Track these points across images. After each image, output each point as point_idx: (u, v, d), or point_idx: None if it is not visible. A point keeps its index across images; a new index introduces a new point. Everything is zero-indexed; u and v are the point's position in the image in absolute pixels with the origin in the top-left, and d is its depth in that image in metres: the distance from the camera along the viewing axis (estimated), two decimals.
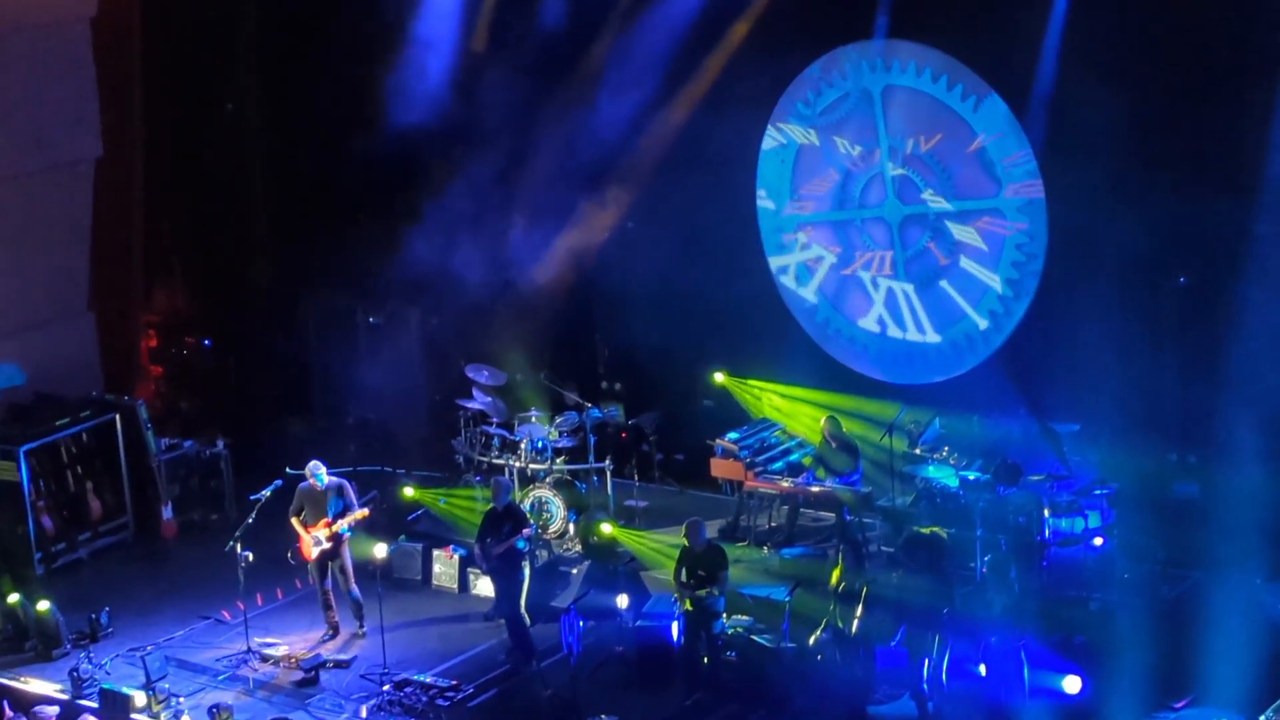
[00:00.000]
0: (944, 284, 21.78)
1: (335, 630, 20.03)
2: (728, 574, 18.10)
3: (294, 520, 19.83)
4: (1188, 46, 19.08)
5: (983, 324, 21.57)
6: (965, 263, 21.56)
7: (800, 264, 22.86)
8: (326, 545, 19.65)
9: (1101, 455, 20.28)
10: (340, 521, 19.59)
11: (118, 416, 23.04)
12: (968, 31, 20.69)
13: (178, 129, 25.76)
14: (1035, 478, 19.75)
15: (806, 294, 22.87)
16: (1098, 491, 19.77)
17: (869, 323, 22.44)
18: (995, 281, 21.36)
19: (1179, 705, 17.14)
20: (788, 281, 22.96)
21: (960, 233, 21.53)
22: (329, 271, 24.96)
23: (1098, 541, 19.56)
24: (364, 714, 18.21)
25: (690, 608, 18.00)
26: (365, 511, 19.89)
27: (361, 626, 19.94)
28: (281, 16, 25.07)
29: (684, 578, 18.06)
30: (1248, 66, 18.79)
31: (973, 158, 21.25)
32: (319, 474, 19.71)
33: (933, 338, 22.03)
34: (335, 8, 23.95)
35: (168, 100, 25.42)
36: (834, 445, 21.32)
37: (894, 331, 22.29)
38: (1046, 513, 19.37)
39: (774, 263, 22.99)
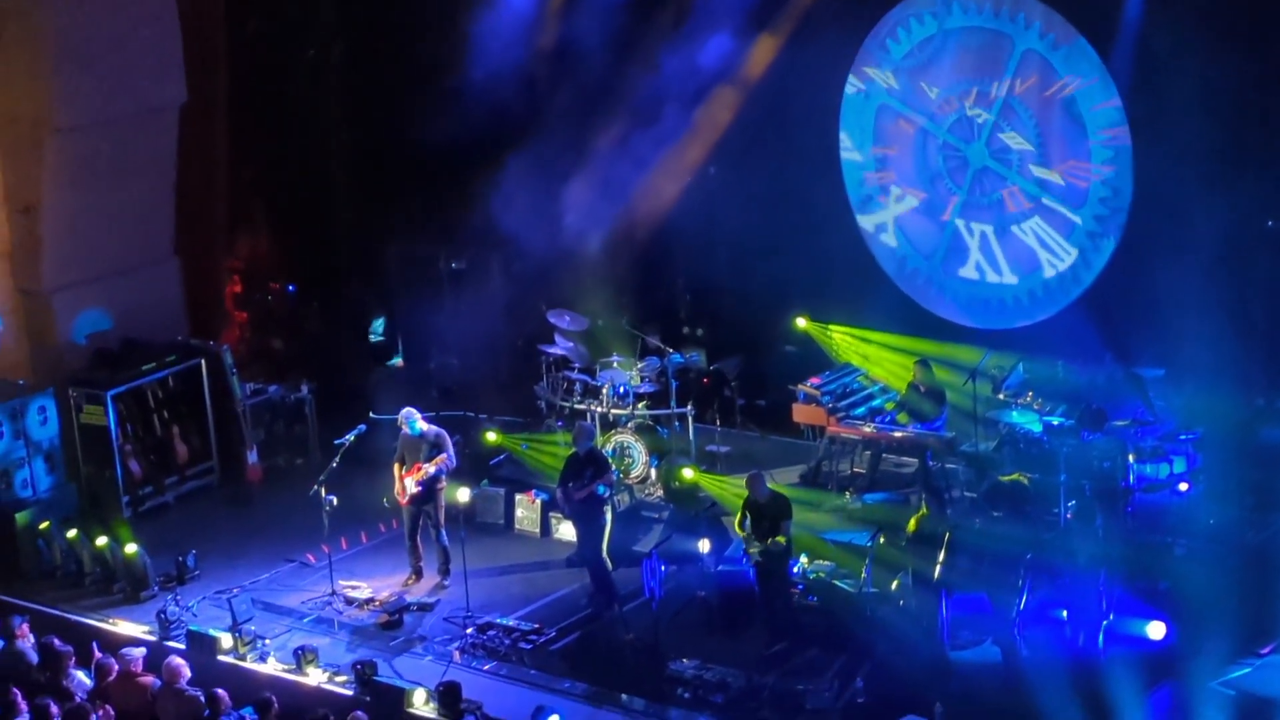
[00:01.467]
0: (1028, 228, 21.69)
1: (419, 575, 20.18)
2: (791, 523, 18.08)
3: (396, 466, 19.96)
4: None
5: (1066, 268, 21.48)
6: (1049, 207, 21.45)
7: (883, 208, 22.81)
8: (416, 490, 19.80)
9: (1187, 400, 20.17)
10: (426, 466, 19.74)
11: (203, 362, 23.26)
12: None
13: (261, 75, 25.90)
14: (1120, 423, 19.67)
15: (889, 238, 22.83)
16: (1183, 437, 19.69)
17: (952, 267, 22.39)
18: (1080, 225, 21.25)
19: (1265, 651, 17.10)
20: (870, 226, 22.92)
21: (1045, 177, 21.42)
22: (411, 217, 25.08)
23: (1183, 487, 19.52)
24: (457, 657, 18.37)
25: (760, 558, 18.07)
26: (444, 457, 19.95)
27: (446, 578, 20.05)
28: None
29: (748, 528, 18.12)
30: None
31: (1058, 103, 21.12)
32: (412, 421, 19.82)
33: (1016, 281, 21.94)
34: None
35: (251, 47, 25.58)
36: (921, 390, 21.28)
37: (977, 275, 22.24)
38: (1131, 458, 19.31)
39: (857, 207, 22.95)
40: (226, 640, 18.40)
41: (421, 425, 19.87)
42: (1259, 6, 19.08)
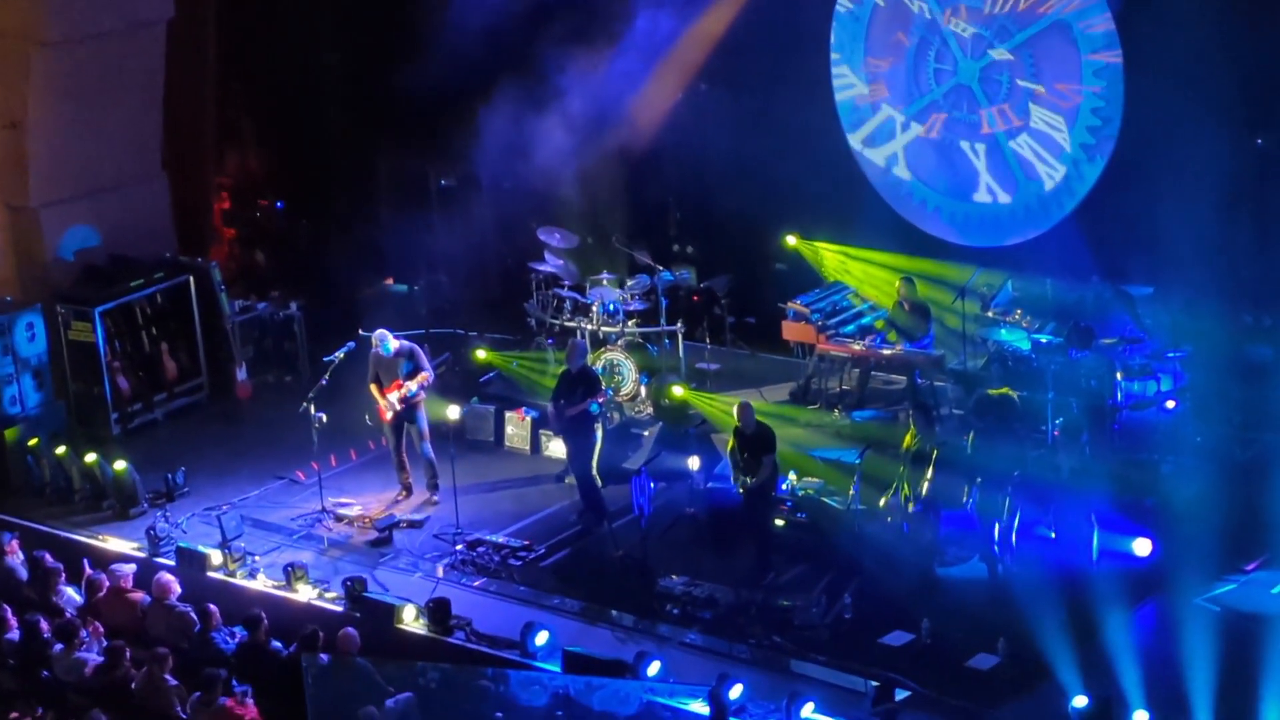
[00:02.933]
0: (1018, 145, 21.66)
1: (409, 491, 20.30)
2: (774, 458, 18.11)
3: (371, 386, 20.05)
4: None
5: (1056, 186, 21.48)
6: (1040, 125, 21.41)
7: (874, 126, 22.77)
8: (399, 408, 19.89)
9: (1175, 318, 20.19)
10: (408, 384, 19.81)
11: (192, 278, 23.26)
12: None
13: None
14: (1108, 341, 19.71)
15: (879, 156, 22.80)
16: (1170, 355, 19.72)
17: (942, 183, 22.38)
18: (1070, 144, 21.23)
19: (1250, 568, 17.23)
20: (860, 144, 22.89)
21: (1035, 94, 21.37)
22: (402, 133, 24.99)
23: (1170, 405, 19.57)
24: (440, 573, 18.48)
25: (740, 490, 18.17)
26: (427, 375, 20.03)
27: (435, 493, 20.16)
28: None
29: (737, 457, 18.19)
30: None
31: (1049, 19, 21.04)
32: (385, 342, 19.87)
33: (1006, 199, 21.95)
34: None
35: None
36: (907, 308, 21.31)
37: (967, 192, 22.22)
38: (1119, 376, 19.38)
39: (847, 125, 22.91)
40: (216, 557, 18.52)
41: (393, 344, 19.92)
42: None
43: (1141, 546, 17.44)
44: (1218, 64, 19.25)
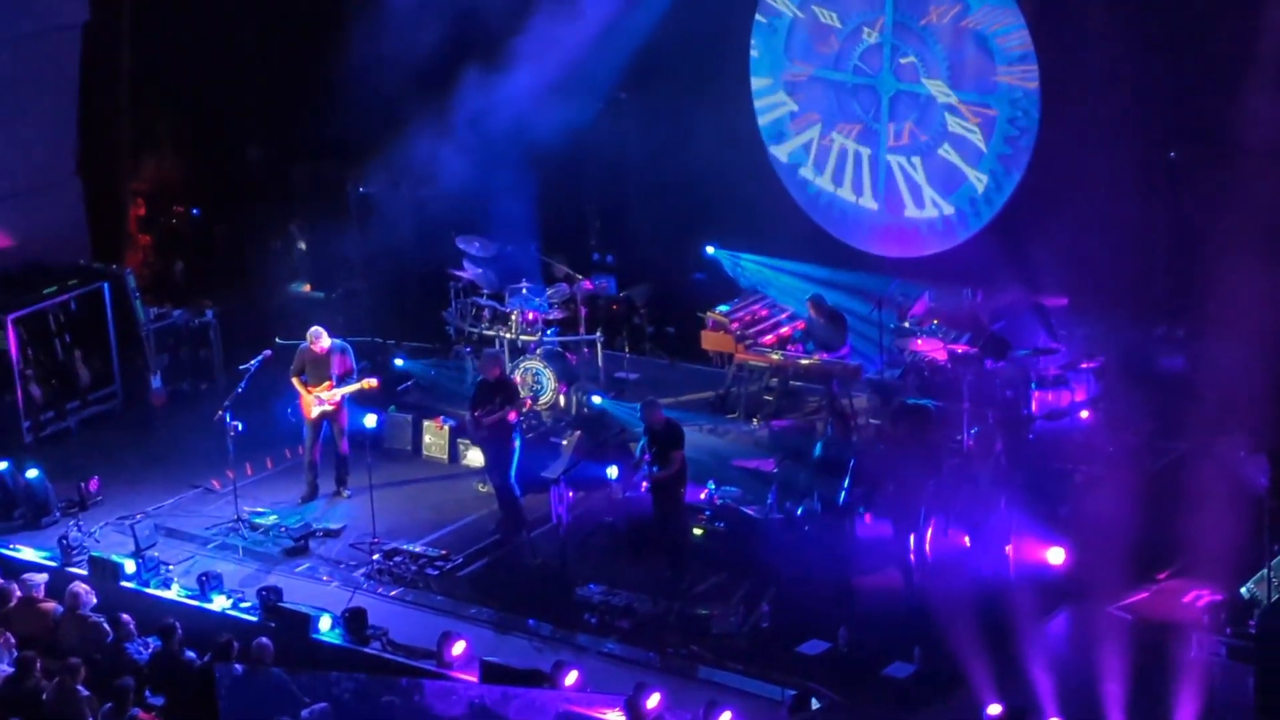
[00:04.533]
0: (936, 156, 21.83)
1: (315, 493, 20.36)
2: (682, 453, 18.14)
3: (295, 379, 20.07)
4: None
5: (973, 198, 21.65)
6: (957, 135, 21.60)
7: (793, 136, 22.89)
8: (329, 407, 19.91)
9: (1089, 329, 20.42)
10: (348, 388, 19.88)
11: (106, 285, 23.11)
12: None
13: None
14: (1023, 352, 19.90)
15: (799, 166, 22.92)
16: (1084, 365, 19.92)
17: (860, 195, 22.51)
18: (986, 156, 21.41)
19: (1162, 577, 17.40)
20: (780, 154, 23.00)
21: (952, 105, 21.54)
22: (319, 141, 24.93)
23: (1084, 415, 19.76)
24: (351, 581, 18.46)
25: (650, 485, 18.21)
26: (374, 382, 20.09)
27: (344, 489, 20.25)
28: None
29: (648, 455, 18.21)
30: None
31: (966, 33, 21.22)
32: (320, 339, 19.92)
33: (923, 210, 22.11)
34: None
35: None
36: (822, 321, 21.45)
37: (885, 204, 22.37)
38: (1033, 386, 19.55)
39: (766, 135, 23.03)
40: (130, 566, 18.38)
41: (326, 341, 19.99)
42: None
43: (1055, 555, 17.58)
44: (1131, 78, 19.50)
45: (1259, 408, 17.57)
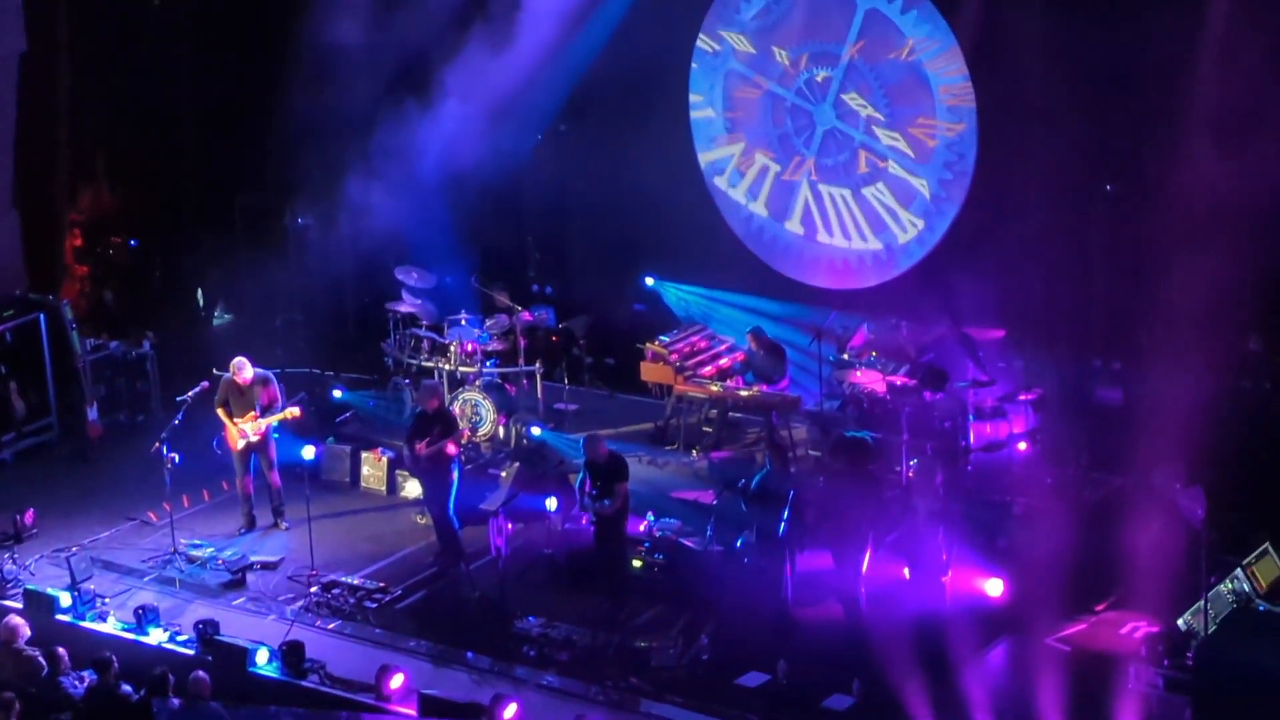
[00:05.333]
0: (874, 189, 21.93)
1: (251, 524, 20.26)
2: (627, 486, 18.19)
3: (220, 410, 19.95)
4: None
5: (911, 231, 21.74)
6: (895, 169, 21.70)
7: (733, 169, 22.96)
8: (254, 439, 19.81)
9: (1027, 361, 20.52)
10: (271, 418, 19.74)
11: (42, 316, 22.95)
12: None
13: (105, 23, 25.49)
14: (961, 384, 19.97)
15: (739, 199, 22.99)
16: (1022, 397, 20.00)
17: (799, 227, 22.59)
18: (924, 188, 21.51)
19: (1099, 608, 17.46)
20: (720, 186, 23.07)
21: (890, 140, 21.65)
22: (258, 172, 24.85)
23: (1022, 446, 19.84)
24: (289, 614, 18.35)
25: (594, 518, 18.22)
26: (297, 411, 19.99)
27: (281, 520, 20.18)
28: None
29: (590, 488, 18.24)
30: None
31: (905, 65, 21.33)
32: (244, 369, 19.81)
33: (862, 243, 22.19)
34: None
35: None
36: (761, 352, 21.48)
37: (824, 236, 22.45)
38: (971, 418, 19.62)
39: (706, 168, 23.08)
40: (65, 599, 18.22)
41: (250, 371, 19.87)
42: None
43: (994, 587, 17.62)
44: (1068, 112, 19.61)
45: (1195, 440, 17.65)
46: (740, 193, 22.94)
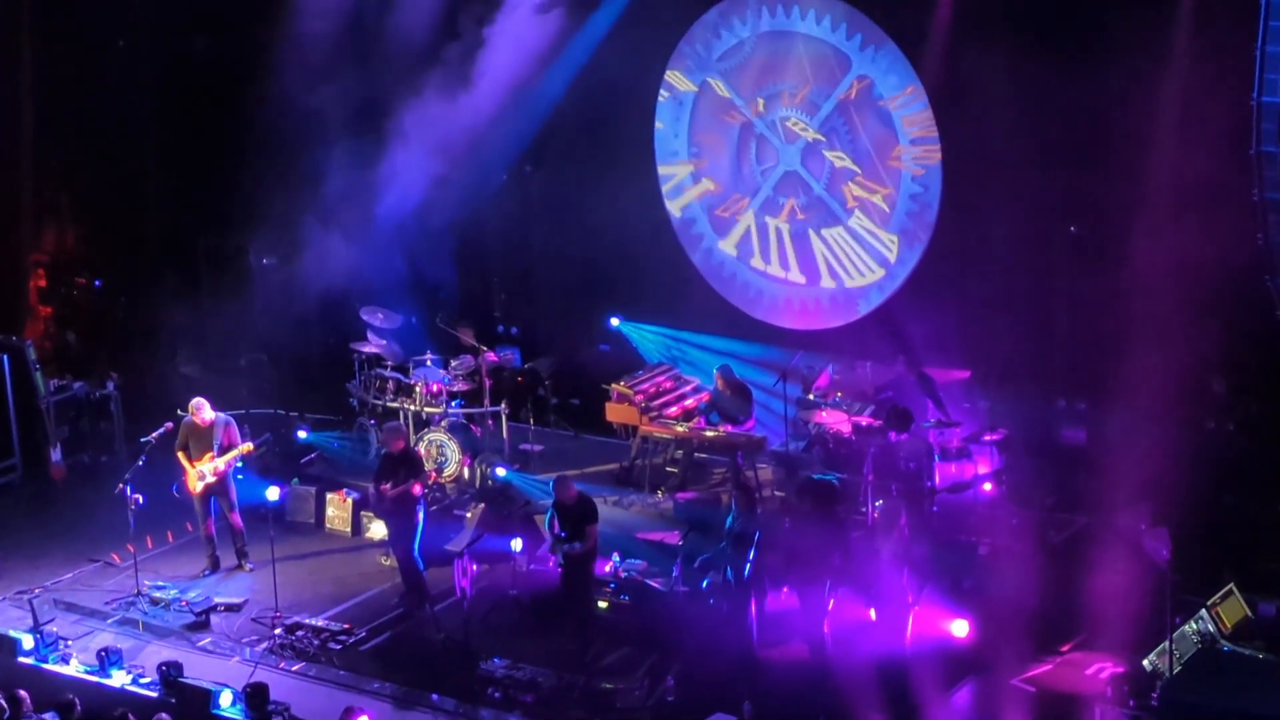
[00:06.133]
0: (840, 231, 21.98)
1: (215, 565, 20.22)
2: (595, 526, 18.25)
3: (179, 454, 19.90)
4: (1077, 11, 19.26)
5: (876, 272, 21.80)
6: (860, 211, 21.75)
7: (698, 209, 22.99)
8: (211, 480, 19.77)
9: (991, 402, 20.56)
10: (225, 457, 19.70)
11: (5, 357, 22.85)
12: None
13: (69, 66, 25.45)
14: (927, 424, 20.00)
15: (704, 239, 23.01)
16: (987, 438, 20.03)
17: (765, 268, 22.62)
18: (890, 230, 21.57)
19: (1065, 649, 17.47)
20: (686, 227, 23.08)
21: (855, 180, 21.71)
22: (221, 212, 24.82)
23: (987, 487, 19.83)
24: (253, 655, 18.26)
25: (562, 560, 18.24)
26: (249, 446, 19.95)
27: (245, 561, 20.14)
28: None
29: (557, 529, 18.23)
30: (1133, 30, 18.96)
31: (869, 107, 21.41)
32: (202, 410, 19.77)
33: (828, 284, 22.23)
34: None
35: (58, 37, 25.12)
36: (728, 392, 21.49)
37: (790, 277, 22.48)
38: (937, 458, 19.64)
39: (672, 209, 23.12)
40: (28, 641, 18.10)
41: (209, 414, 19.86)
42: (1064, 24, 19.42)
43: (960, 628, 17.62)
44: (1032, 154, 19.70)
45: (1160, 481, 17.73)
46: (705, 233, 22.97)
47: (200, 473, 19.78)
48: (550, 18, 22.34)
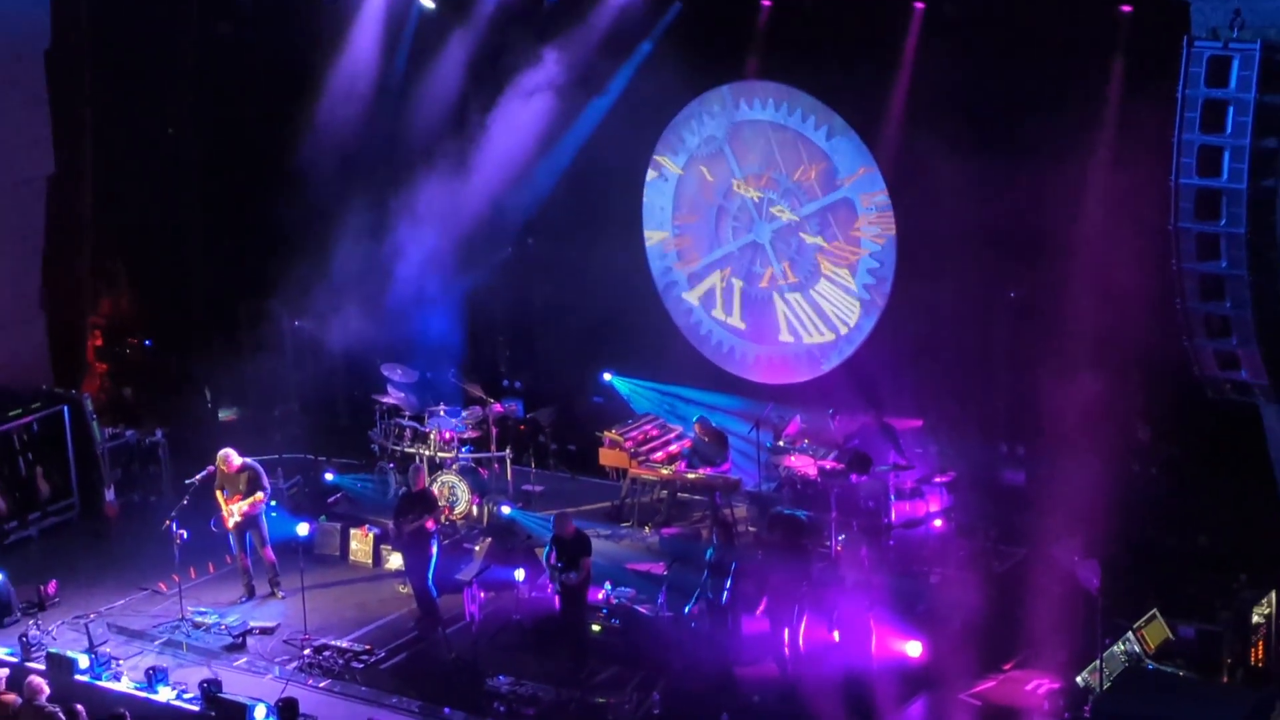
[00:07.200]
0: (806, 295, 21.94)
1: (251, 593, 20.14)
2: (589, 559, 18.17)
3: (218, 493, 19.92)
4: (1017, 106, 19.24)
5: (838, 332, 21.76)
6: (825, 277, 21.73)
7: (681, 275, 22.97)
8: (238, 519, 19.80)
9: (941, 447, 20.50)
10: (244, 503, 19.78)
11: (66, 408, 22.77)
12: (827, 73, 20.85)
13: (125, 150, 25.44)
14: (883, 467, 19.93)
15: (687, 303, 22.98)
16: (937, 479, 19.96)
17: (741, 327, 22.57)
18: (851, 296, 21.55)
19: (1007, 666, 17.39)
20: (670, 291, 23.06)
21: (820, 252, 21.70)
22: (258, 280, 24.78)
23: (937, 523, 19.76)
24: (284, 673, 18.14)
25: (560, 589, 18.17)
26: (260, 496, 19.91)
27: (277, 589, 20.04)
28: (219, 53, 24.84)
29: (554, 560, 18.14)
30: (1065, 124, 18.99)
31: (829, 185, 21.41)
32: (230, 459, 19.87)
33: (796, 343, 22.18)
34: (264, 50, 23.74)
35: (115, 124, 25.11)
36: (706, 439, 21.47)
37: (763, 336, 22.43)
38: (893, 498, 19.57)
39: (657, 276, 23.10)
40: (84, 661, 17.99)
41: (236, 461, 19.86)
42: (1003, 116, 19.45)
43: (913, 648, 17.54)
44: (976, 226, 19.69)
45: (1090, 517, 17.69)
46: (688, 297, 22.94)
47: (230, 512, 19.76)
48: (547, 105, 22.34)
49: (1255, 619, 17.37)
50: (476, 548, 20.45)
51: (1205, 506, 18.76)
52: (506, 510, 21.24)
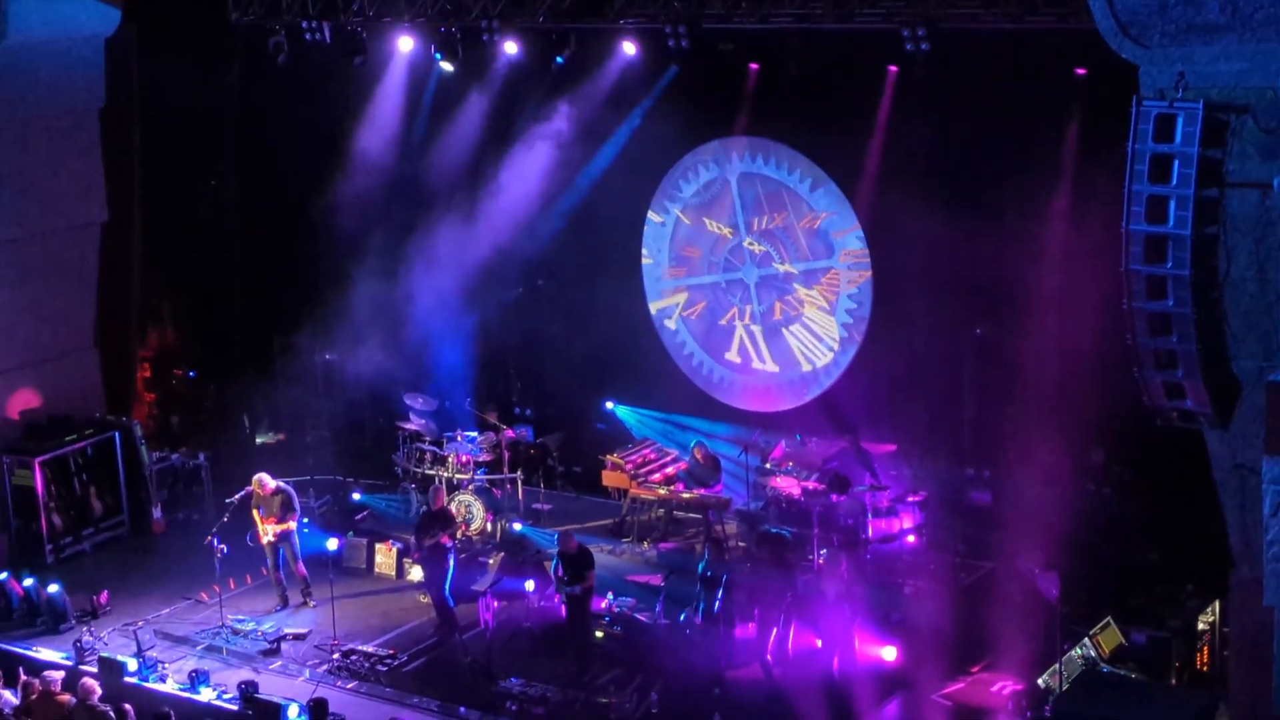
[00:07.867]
0: (791, 331, 22.00)
1: (285, 602, 20.15)
2: (593, 572, 18.19)
3: (254, 512, 19.95)
4: (982, 161, 19.32)
5: (819, 364, 21.80)
6: (808, 316, 21.78)
7: (677, 315, 23.02)
8: (271, 538, 19.87)
9: (914, 470, 20.54)
10: (276, 527, 19.84)
11: (117, 434, 22.81)
12: (809, 131, 20.94)
13: (171, 199, 25.53)
14: (861, 488, 19.97)
15: (681, 338, 23.03)
16: (910, 499, 20.00)
17: (732, 359, 22.62)
18: (831, 330, 21.61)
19: (975, 669, 17.40)
20: (667, 327, 23.11)
21: (803, 292, 21.75)
22: (291, 317, 24.86)
23: (910, 539, 19.81)
24: (315, 676, 18.14)
25: (566, 599, 18.21)
26: (292, 524, 19.95)
27: (309, 599, 20.06)
28: (256, 112, 24.95)
29: (561, 573, 18.17)
30: (1028, 176, 19.06)
31: (812, 232, 21.49)
32: (265, 482, 19.95)
33: (781, 374, 22.22)
34: (297, 109, 23.84)
35: (162, 176, 25.22)
36: (702, 462, 21.51)
37: (751, 368, 22.46)
38: (870, 515, 19.60)
39: (655, 314, 23.15)
40: (132, 664, 18.01)
41: (271, 484, 19.92)
42: (968, 172, 19.53)
43: (889, 652, 17.56)
44: (945, 270, 19.78)
45: (1050, 534, 17.72)
46: (683, 334, 22.99)
47: (265, 530, 19.81)
48: (554, 157, 22.43)
49: (1201, 626, 17.42)
50: (490, 561, 20.46)
51: (1155, 523, 18.78)
52: (518, 527, 21.25)
